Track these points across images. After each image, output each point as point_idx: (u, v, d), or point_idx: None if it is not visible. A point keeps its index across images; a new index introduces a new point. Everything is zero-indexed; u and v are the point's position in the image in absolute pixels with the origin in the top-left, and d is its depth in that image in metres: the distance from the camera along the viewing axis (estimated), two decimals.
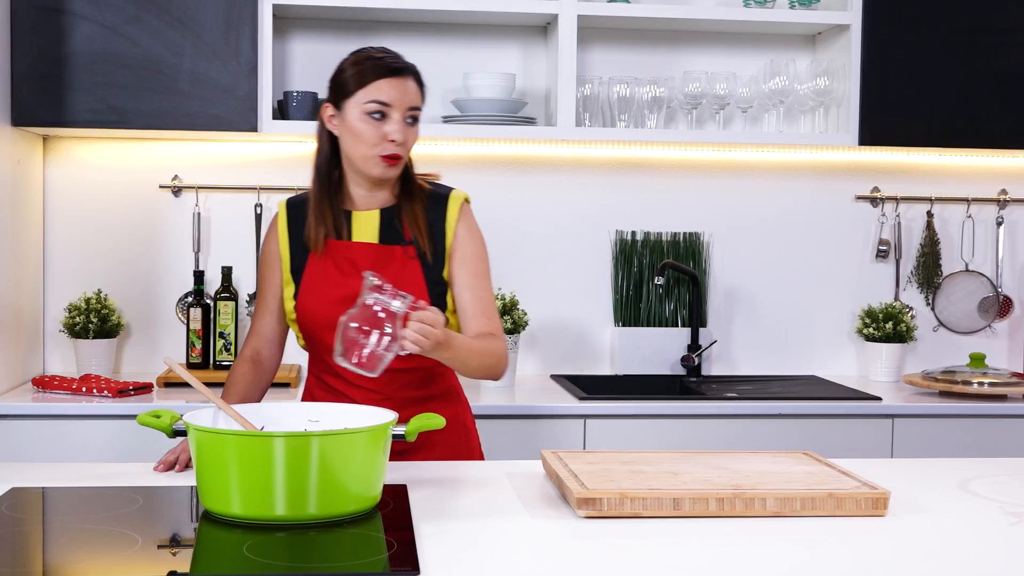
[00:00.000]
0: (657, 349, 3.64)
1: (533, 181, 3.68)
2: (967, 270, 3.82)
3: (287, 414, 1.95)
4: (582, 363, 3.71)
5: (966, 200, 3.82)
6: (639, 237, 3.70)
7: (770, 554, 1.63)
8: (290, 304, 2.32)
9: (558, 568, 1.55)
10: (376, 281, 1.94)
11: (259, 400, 2.39)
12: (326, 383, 2.36)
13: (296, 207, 2.35)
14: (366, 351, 1.92)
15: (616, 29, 3.65)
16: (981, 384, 3.36)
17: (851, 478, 1.92)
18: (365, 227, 2.30)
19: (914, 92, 3.50)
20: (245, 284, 3.58)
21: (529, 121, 3.48)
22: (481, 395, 3.27)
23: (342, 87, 2.25)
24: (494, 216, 3.64)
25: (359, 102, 2.22)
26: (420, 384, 2.33)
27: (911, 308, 3.80)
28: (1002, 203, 3.83)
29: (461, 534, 1.68)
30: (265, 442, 1.69)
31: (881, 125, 3.50)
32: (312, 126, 3.37)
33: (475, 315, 2.28)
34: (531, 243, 3.68)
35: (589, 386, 3.47)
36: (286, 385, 3.30)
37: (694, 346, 3.63)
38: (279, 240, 2.35)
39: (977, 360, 3.46)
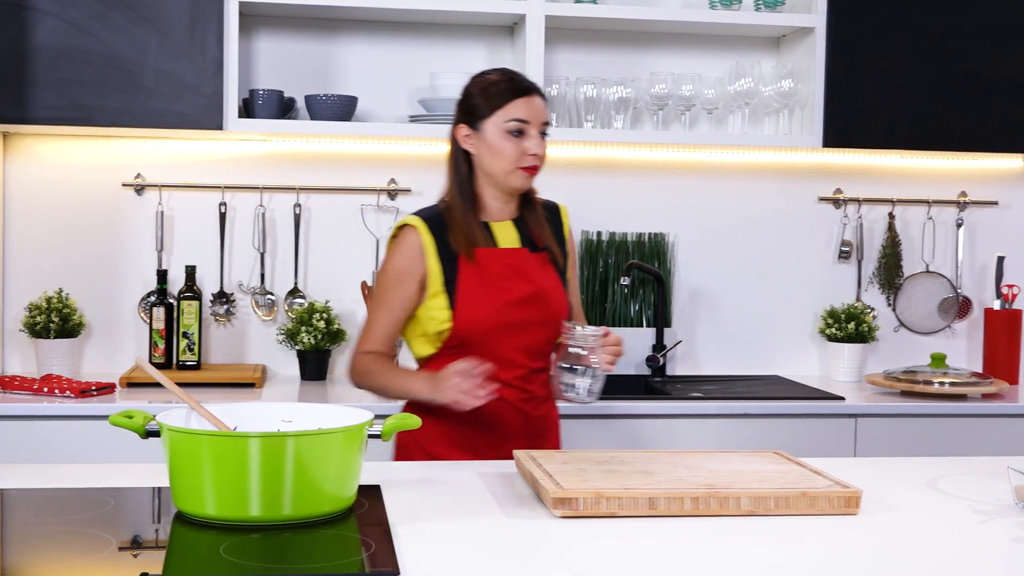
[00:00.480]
0: (623, 349, 3.63)
1: None
2: (928, 271, 3.87)
3: (260, 414, 1.93)
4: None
5: (927, 202, 3.87)
6: (604, 237, 3.71)
7: (746, 553, 1.64)
8: (444, 314, 2.40)
9: (537, 567, 1.56)
10: (571, 326, 2.30)
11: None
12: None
13: (433, 222, 2.45)
14: (582, 385, 2.33)
15: (583, 30, 3.66)
16: (942, 384, 3.40)
17: (823, 477, 1.94)
18: (506, 236, 2.49)
19: (877, 95, 3.53)
20: (208, 283, 3.55)
21: None
22: None
23: (476, 109, 2.43)
24: None
25: (498, 122, 2.40)
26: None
27: (873, 309, 3.84)
28: (962, 205, 3.88)
29: (438, 535, 1.68)
30: (240, 442, 1.68)
31: (844, 127, 3.53)
32: (278, 124, 3.35)
33: (577, 316, 2.60)
34: None
35: None
36: (251, 385, 3.28)
37: (659, 346, 3.64)
38: (425, 256, 2.42)
39: (938, 360, 3.50)
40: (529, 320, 2.43)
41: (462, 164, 2.46)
